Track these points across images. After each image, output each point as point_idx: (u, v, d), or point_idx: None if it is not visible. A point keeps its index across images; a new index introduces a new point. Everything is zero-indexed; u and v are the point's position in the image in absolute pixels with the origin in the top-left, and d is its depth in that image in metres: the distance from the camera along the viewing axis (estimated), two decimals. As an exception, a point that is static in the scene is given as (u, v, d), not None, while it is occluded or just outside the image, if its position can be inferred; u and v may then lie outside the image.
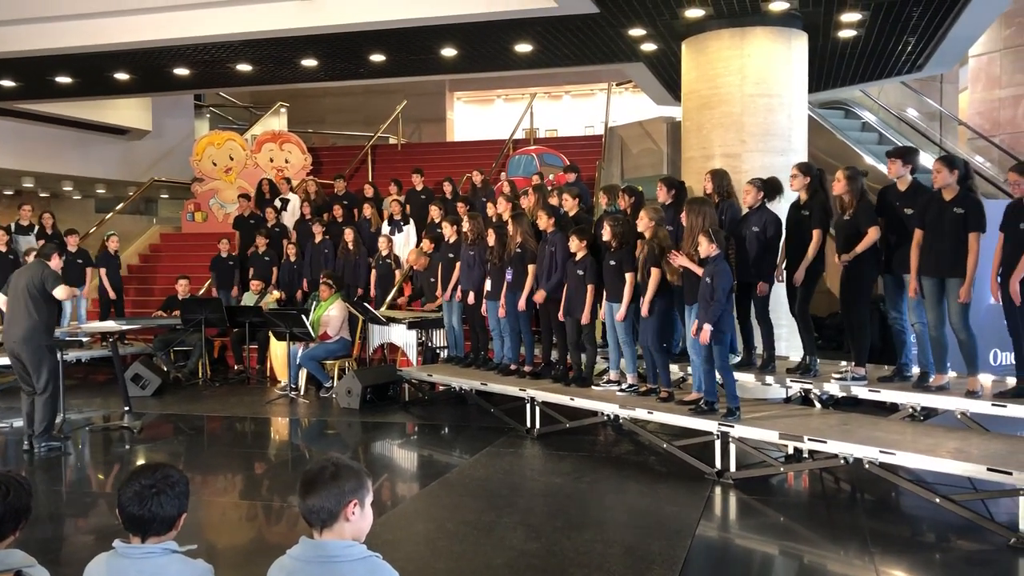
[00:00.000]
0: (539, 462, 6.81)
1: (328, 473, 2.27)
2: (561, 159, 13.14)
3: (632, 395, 7.09)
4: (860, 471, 5.47)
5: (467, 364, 8.87)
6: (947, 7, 8.11)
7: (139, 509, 2.32)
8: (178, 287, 11.22)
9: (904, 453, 5.18)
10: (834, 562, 4.67)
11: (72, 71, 11.38)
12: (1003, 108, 13.48)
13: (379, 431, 8.05)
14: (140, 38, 9.74)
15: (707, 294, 6.05)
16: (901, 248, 6.39)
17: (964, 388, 6.16)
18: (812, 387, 6.85)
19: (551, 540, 4.89)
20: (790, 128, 8.72)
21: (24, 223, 11.56)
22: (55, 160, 15.11)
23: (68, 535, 5.33)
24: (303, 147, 15.17)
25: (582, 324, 7.44)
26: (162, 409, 9.03)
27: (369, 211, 11.79)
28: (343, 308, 9.85)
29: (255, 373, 10.78)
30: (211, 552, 4.84)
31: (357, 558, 2.24)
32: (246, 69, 11.29)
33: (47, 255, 7.26)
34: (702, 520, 5.26)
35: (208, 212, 14.83)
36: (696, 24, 8.71)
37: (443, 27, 9.13)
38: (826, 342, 10.04)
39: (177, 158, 16.30)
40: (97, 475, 6.90)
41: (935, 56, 9.93)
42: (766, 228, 6.95)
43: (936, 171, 6.06)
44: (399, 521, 5.37)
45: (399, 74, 11.97)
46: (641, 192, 7.78)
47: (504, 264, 8.17)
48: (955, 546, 4.98)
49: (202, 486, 6.31)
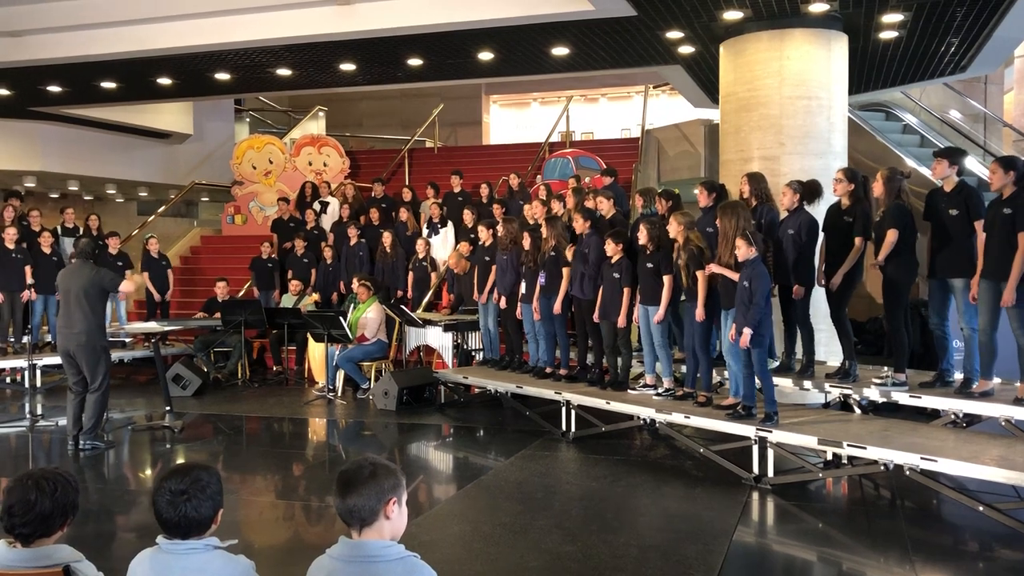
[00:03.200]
0: (574, 465, 6.81)
1: (367, 472, 2.28)
2: (597, 162, 13.11)
3: (668, 399, 7.06)
4: (900, 478, 5.40)
5: (502, 367, 8.89)
6: (992, 7, 7.97)
7: (174, 515, 2.34)
8: (217, 289, 11.40)
9: (946, 460, 5.09)
10: (874, 570, 4.60)
11: (117, 77, 11.60)
12: (1049, 109, 13.21)
13: (415, 433, 8.10)
14: (183, 44, 9.91)
15: (745, 298, 6.00)
16: (945, 252, 6.26)
17: (1009, 395, 6.03)
18: (851, 392, 6.77)
19: (587, 543, 4.89)
20: (830, 131, 8.62)
21: (69, 226, 11.79)
22: (99, 164, 15.39)
23: (113, 531, 5.43)
24: (341, 151, 15.32)
25: (618, 327, 7.43)
26: (202, 409, 9.17)
27: (405, 215, 11.86)
28: (380, 310, 9.93)
29: (293, 374, 10.90)
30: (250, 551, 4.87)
31: (395, 558, 2.25)
32: (285, 73, 11.43)
33: (87, 254, 7.35)
34: (739, 525, 5.22)
35: (248, 215, 15.04)
36: (734, 26, 8.66)
37: (479, 31, 9.18)
38: (866, 347, 9.90)
39: (217, 161, 16.55)
40: (139, 473, 7.02)
41: (979, 57, 9.76)
42: (801, 231, 6.88)
43: (992, 172, 5.92)
44: (435, 522, 5.39)
45: (436, 78, 12.05)
46: (678, 195, 7.74)
47: (538, 267, 8.18)
48: (999, 555, 4.89)
49: (241, 485, 6.40)
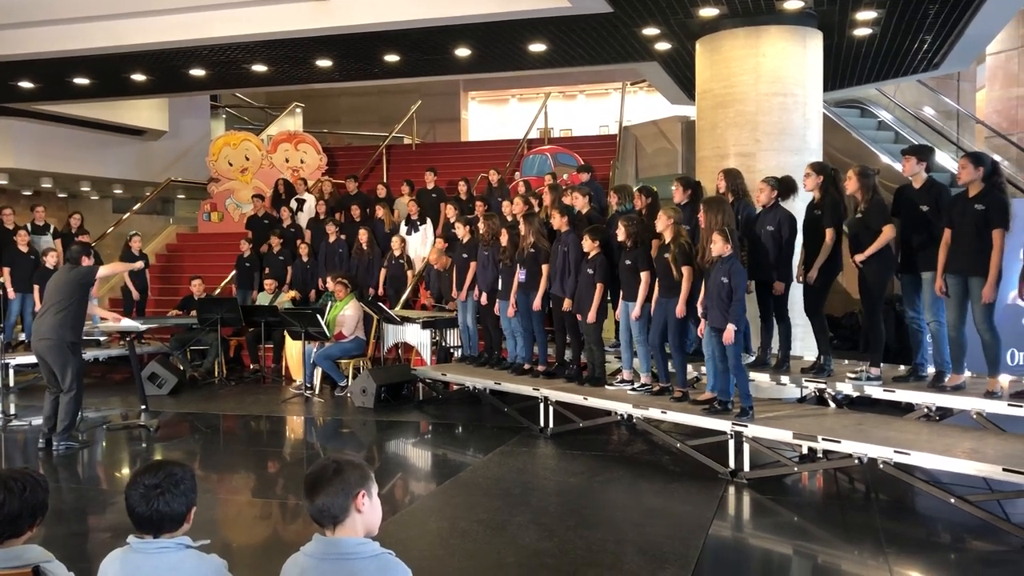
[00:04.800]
0: (552, 461, 6.82)
1: (332, 470, 2.29)
2: (575, 159, 13.12)
3: (645, 395, 7.09)
4: (875, 471, 5.45)
5: (481, 363, 8.88)
6: (963, 5, 8.05)
7: (146, 510, 2.33)
8: (192, 287, 11.32)
9: (919, 453, 5.15)
10: (848, 562, 4.64)
11: (90, 72, 11.48)
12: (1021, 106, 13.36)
13: (393, 430, 8.08)
14: (157, 40, 9.80)
15: (724, 293, 6.03)
16: (914, 246, 6.34)
17: (980, 388, 6.12)
18: (826, 387, 6.83)
19: (564, 539, 4.90)
20: (805, 127, 8.68)
21: (39, 223, 11.65)
22: (73, 161, 15.22)
23: (86, 531, 5.38)
24: (318, 147, 15.24)
25: (588, 323, 7.44)
26: (178, 408, 9.10)
27: (381, 211, 11.82)
28: (358, 308, 9.90)
29: (270, 372, 10.85)
30: (226, 549, 4.86)
31: (370, 555, 2.25)
32: (261, 70, 11.35)
33: (74, 259, 7.28)
34: (715, 519, 5.25)
35: (224, 212, 14.93)
36: (710, 23, 8.69)
37: (457, 27, 9.15)
38: (841, 342, 9.99)
39: (193, 158, 16.41)
40: (114, 473, 6.96)
41: (952, 54, 9.86)
42: (780, 227, 6.93)
43: (961, 167, 6.01)
44: (413, 519, 5.39)
45: (413, 74, 12.00)
46: (656, 192, 7.77)
47: (514, 264, 8.18)
48: (970, 547, 4.95)
49: (217, 484, 6.36)
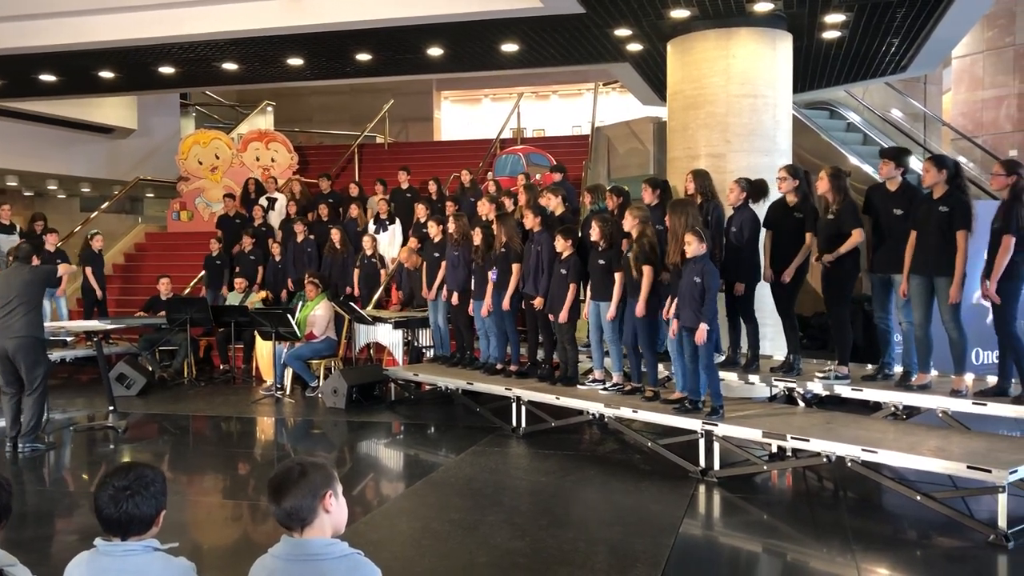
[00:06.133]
0: (524, 461, 6.83)
1: (297, 472, 2.27)
2: (548, 159, 13.15)
3: (617, 394, 7.12)
4: (843, 469, 5.50)
5: (453, 363, 8.87)
6: (930, 8, 8.17)
7: (115, 511, 2.31)
8: (160, 286, 11.18)
9: (886, 451, 5.21)
10: (817, 560, 4.70)
11: (56, 69, 11.31)
12: (986, 109, 13.60)
13: (365, 430, 8.05)
14: (124, 36, 9.67)
15: (696, 293, 6.05)
16: (886, 248, 6.42)
17: (946, 387, 6.22)
18: (796, 386, 6.89)
19: (536, 538, 4.91)
20: (775, 128, 8.76)
21: (5, 222, 11.45)
22: (39, 159, 15.00)
23: (51, 535, 5.31)
24: (289, 146, 15.13)
25: (560, 323, 7.46)
26: (147, 409, 8.99)
27: (355, 211, 11.77)
28: (329, 307, 9.84)
29: (241, 373, 10.75)
30: (196, 551, 4.82)
31: (338, 556, 2.24)
32: (232, 68, 11.25)
33: (26, 257, 7.22)
34: (686, 518, 5.28)
35: (194, 211, 14.78)
36: (681, 24, 8.74)
37: (428, 26, 9.12)
38: (810, 341, 10.09)
39: (163, 157, 16.22)
40: (81, 475, 6.87)
41: (919, 57, 10.01)
42: (743, 228, 7.00)
43: (925, 171, 6.14)
44: (384, 520, 5.37)
45: (386, 73, 11.95)
46: (628, 192, 7.80)
47: (488, 264, 8.18)
48: (936, 543, 5.02)
49: (187, 486, 6.30)
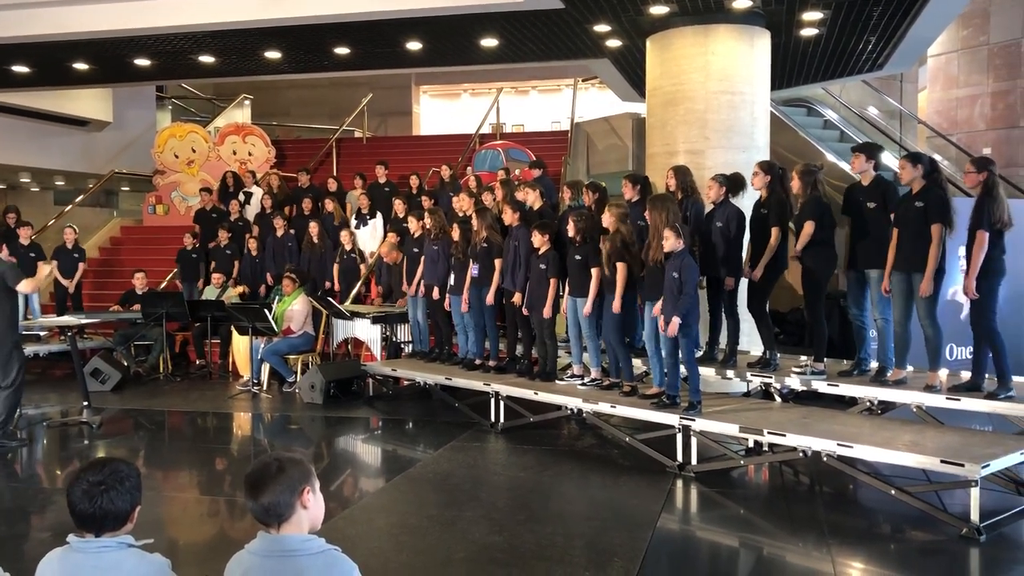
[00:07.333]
0: (503, 456, 6.83)
1: (274, 468, 2.26)
2: (527, 154, 13.13)
3: (595, 389, 7.13)
4: (819, 464, 5.55)
5: (431, 359, 8.85)
6: (906, 7, 8.23)
7: (89, 507, 2.28)
8: (135, 281, 11.07)
9: (861, 446, 5.26)
10: (793, 553, 4.74)
11: (29, 61, 11.15)
12: (960, 107, 13.74)
13: (343, 426, 8.02)
14: (100, 28, 9.55)
15: (674, 288, 6.08)
16: (863, 244, 6.45)
17: (921, 383, 6.27)
18: (772, 381, 6.94)
19: (513, 533, 4.91)
20: (753, 125, 8.80)
21: (-22, 216, 11.32)
22: (12, 151, 14.76)
23: (25, 532, 5.25)
24: (267, 140, 15.02)
25: (543, 318, 7.46)
26: (122, 404, 8.91)
27: (332, 205, 11.70)
28: (307, 302, 9.79)
29: (217, 368, 10.68)
30: (172, 548, 4.79)
31: (316, 551, 2.23)
32: (208, 61, 11.15)
33: None
34: (663, 513, 5.30)
35: (170, 205, 14.64)
36: (660, 21, 8.76)
37: (407, 20, 9.08)
38: (787, 337, 10.16)
39: (138, 150, 16.03)
40: (54, 471, 6.79)
41: (895, 55, 10.09)
42: (730, 223, 7.02)
43: (901, 167, 6.20)
44: (362, 515, 5.36)
45: (364, 67, 11.90)
46: (605, 188, 7.81)
47: (467, 259, 8.16)
48: (910, 537, 5.09)
49: (163, 482, 6.26)
